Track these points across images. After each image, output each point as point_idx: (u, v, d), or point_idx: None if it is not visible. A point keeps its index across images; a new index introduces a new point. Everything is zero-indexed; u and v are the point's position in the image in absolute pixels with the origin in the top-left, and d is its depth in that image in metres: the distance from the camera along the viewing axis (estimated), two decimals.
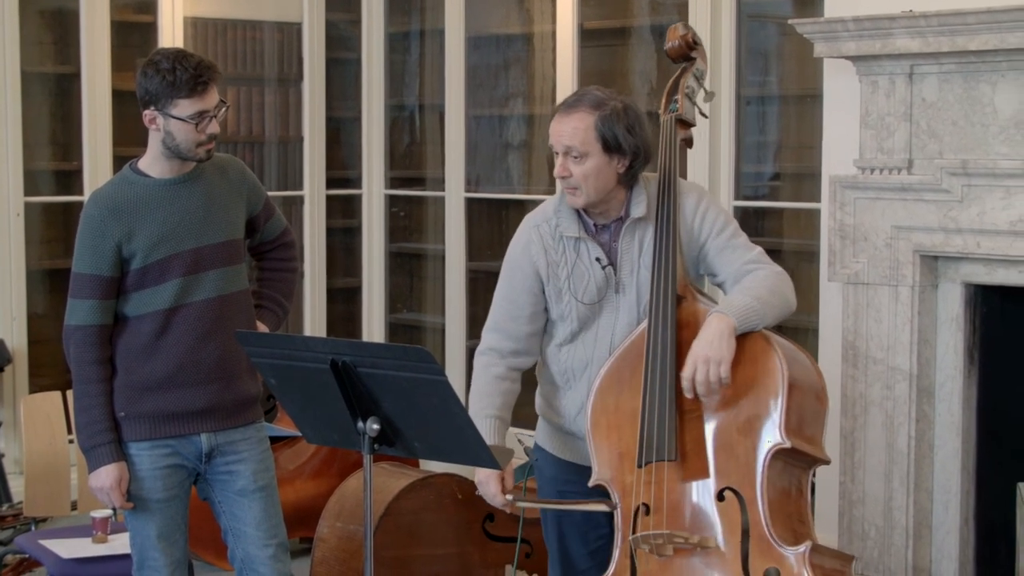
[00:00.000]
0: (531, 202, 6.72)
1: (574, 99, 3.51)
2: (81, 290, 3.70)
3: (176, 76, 3.61)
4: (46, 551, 4.46)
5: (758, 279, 3.47)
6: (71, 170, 6.55)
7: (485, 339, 3.66)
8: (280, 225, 4.05)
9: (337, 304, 7.35)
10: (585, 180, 3.46)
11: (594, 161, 3.45)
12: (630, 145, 3.47)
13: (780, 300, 3.46)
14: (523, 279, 3.59)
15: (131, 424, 3.74)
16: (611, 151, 3.46)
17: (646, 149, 3.51)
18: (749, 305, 3.37)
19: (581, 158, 3.45)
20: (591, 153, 3.45)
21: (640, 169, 3.54)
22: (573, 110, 3.47)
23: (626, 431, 3.40)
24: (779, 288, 3.47)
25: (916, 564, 4.86)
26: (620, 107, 3.48)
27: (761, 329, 3.39)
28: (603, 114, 3.45)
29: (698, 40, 3.76)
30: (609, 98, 3.48)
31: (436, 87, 7.07)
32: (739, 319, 3.34)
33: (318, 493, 5.61)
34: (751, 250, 3.56)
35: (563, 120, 3.48)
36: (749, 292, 3.41)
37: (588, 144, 3.45)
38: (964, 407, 4.82)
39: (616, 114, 3.46)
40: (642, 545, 3.31)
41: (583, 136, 3.44)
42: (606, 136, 3.45)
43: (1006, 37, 4.40)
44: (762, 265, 3.52)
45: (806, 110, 5.70)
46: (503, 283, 3.65)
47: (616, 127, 3.45)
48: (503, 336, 3.62)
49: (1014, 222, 4.52)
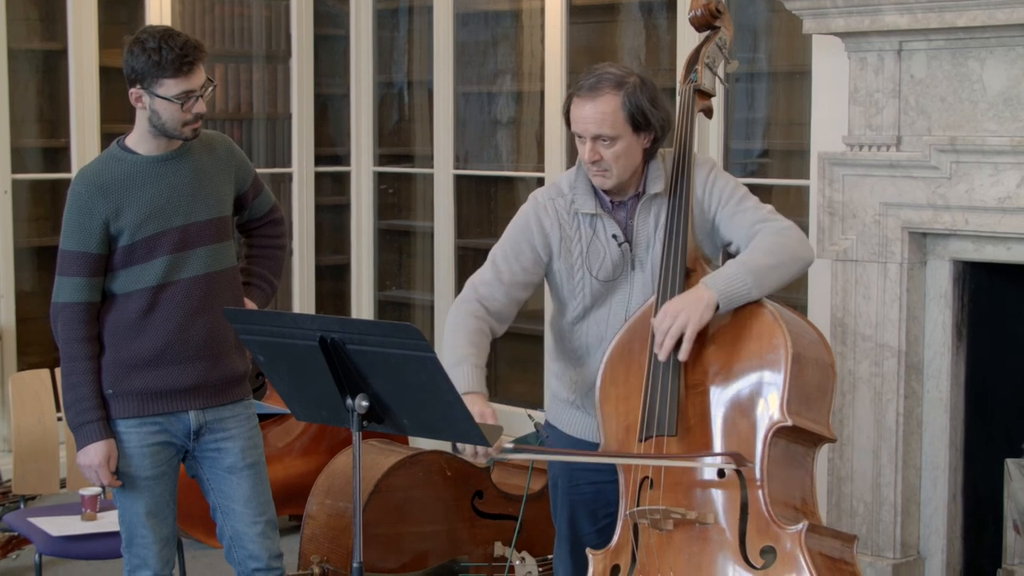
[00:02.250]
0: (520, 179, 6.72)
1: (594, 81, 3.44)
2: (68, 268, 3.69)
3: (162, 55, 3.59)
4: (35, 529, 4.45)
5: (758, 241, 3.42)
6: (58, 147, 6.54)
7: (478, 290, 3.56)
8: (269, 202, 4.04)
9: (326, 281, 7.34)
10: (616, 161, 3.43)
11: (624, 142, 3.43)
12: (657, 119, 3.44)
13: (784, 258, 3.40)
14: (530, 249, 3.55)
15: (119, 402, 3.74)
16: (640, 129, 3.44)
17: (670, 120, 3.50)
18: (735, 274, 3.33)
19: (612, 141, 3.42)
20: (622, 135, 3.42)
21: (662, 142, 3.52)
22: (597, 93, 3.41)
23: (633, 403, 3.39)
24: (781, 246, 3.41)
25: (904, 540, 4.87)
26: (639, 81, 3.44)
27: (767, 301, 3.35)
28: (627, 92, 3.41)
29: (722, 8, 3.70)
30: (627, 74, 3.44)
31: (425, 64, 7.05)
32: (721, 291, 3.31)
33: (307, 470, 5.62)
34: (760, 210, 3.51)
35: (587, 105, 3.42)
36: (742, 259, 3.38)
37: (618, 127, 3.41)
38: (952, 384, 4.83)
39: (638, 89, 3.42)
40: (641, 519, 3.30)
41: (612, 120, 3.41)
42: (635, 115, 3.41)
43: (994, 13, 4.40)
44: (771, 223, 3.47)
45: (795, 87, 5.69)
46: (507, 245, 3.58)
47: (642, 103, 3.41)
48: (495, 292, 3.54)
49: (1002, 199, 4.53)
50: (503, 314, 3.57)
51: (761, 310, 3.34)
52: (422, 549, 4.71)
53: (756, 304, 3.35)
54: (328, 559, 4.63)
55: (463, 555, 4.73)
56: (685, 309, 3.30)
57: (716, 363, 3.35)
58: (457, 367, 3.40)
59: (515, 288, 3.56)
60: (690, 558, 3.26)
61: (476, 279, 3.60)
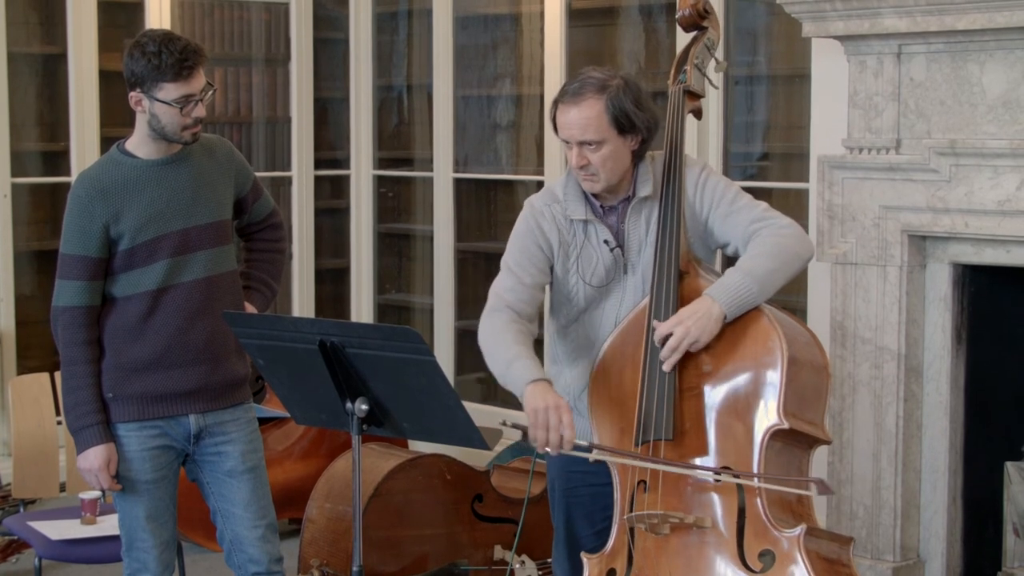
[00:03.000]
0: (519, 183, 6.72)
1: (577, 86, 3.45)
2: (69, 271, 3.69)
3: (162, 60, 3.59)
4: (35, 532, 4.45)
5: (758, 245, 3.41)
6: (58, 151, 6.54)
7: (504, 298, 3.50)
8: (268, 206, 4.04)
9: (325, 285, 7.34)
10: (603, 165, 3.44)
11: (611, 146, 3.43)
12: (642, 121, 3.44)
13: (786, 259, 3.40)
14: (538, 250, 3.55)
15: (119, 405, 3.74)
16: (625, 132, 3.44)
17: (656, 122, 3.49)
18: (740, 284, 3.34)
19: (597, 146, 3.42)
20: (607, 139, 3.42)
21: (650, 144, 3.52)
22: (580, 98, 3.42)
23: (627, 406, 3.39)
24: (782, 247, 3.41)
25: (904, 543, 4.87)
26: (622, 84, 3.44)
27: (763, 305, 3.35)
28: (610, 96, 3.41)
29: (710, 9, 3.70)
30: (610, 77, 3.45)
31: (424, 67, 7.05)
32: (728, 304, 3.32)
33: (307, 474, 5.62)
34: (754, 208, 3.50)
35: (571, 110, 3.43)
36: (744, 266, 3.37)
37: (603, 131, 3.42)
38: (952, 387, 4.83)
39: (621, 91, 3.42)
40: (638, 523, 3.30)
41: (596, 124, 3.41)
42: (619, 118, 3.41)
43: (994, 16, 4.40)
44: (767, 222, 3.46)
45: (794, 90, 5.69)
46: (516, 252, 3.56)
47: (625, 105, 3.41)
48: (522, 296, 3.51)
49: (1002, 202, 4.53)
50: (533, 316, 3.55)
51: (757, 313, 3.35)
52: (422, 552, 4.71)
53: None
54: (328, 563, 4.63)
55: (463, 559, 4.73)
56: (696, 326, 3.31)
57: (712, 366, 3.35)
58: (513, 363, 3.35)
59: (536, 290, 3.56)
60: (688, 562, 3.26)
61: (499, 288, 3.55)
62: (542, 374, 3.34)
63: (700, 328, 3.30)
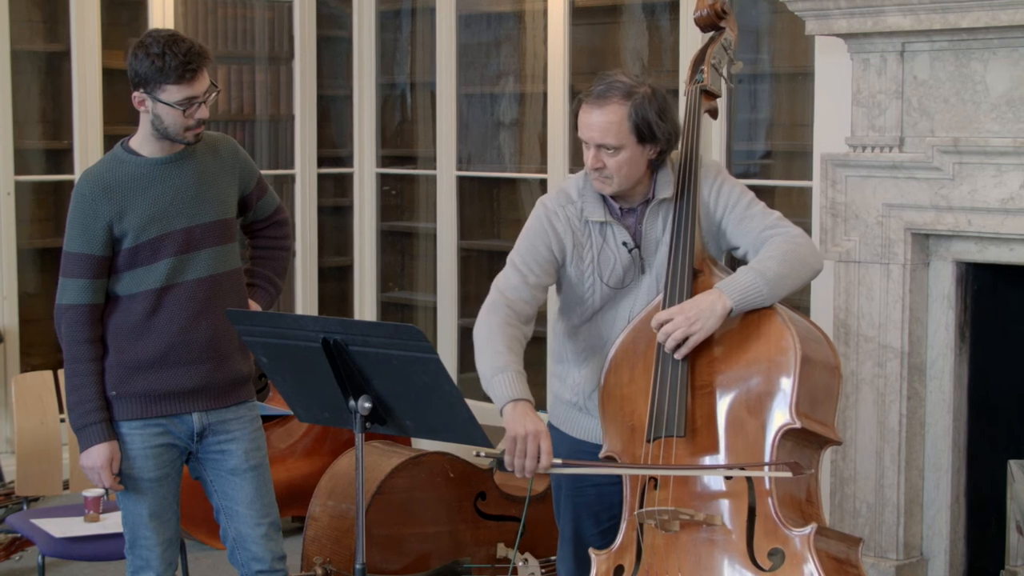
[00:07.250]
0: (523, 181, 6.72)
1: (603, 88, 3.43)
2: (72, 269, 3.69)
3: (165, 61, 3.59)
4: (38, 530, 4.45)
5: (771, 249, 3.42)
6: (61, 149, 6.54)
7: (506, 295, 3.50)
8: (273, 203, 4.04)
9: (328, 283, 7.34)
10: (619, 171, 3.43)
11: (628, 153, 3.42)
12: (663, 132, 3.43)
13: (797, 267, 3.40)
14: (547, 251, 3.54)
15: (122, 403, 3.74)
16: (645, 141, 3.43)
17: (677, 133, 3.49)
18: (752, 283, 3.34)
19: (615, 151, 3.42)
20: (626, 146, 3.42)
21: (668, 154, 3.52)
22: (604, 101, 3.41)
23: (639, 404, 3.39)
24: (794, 255, 3.42)
25: (907, 541, 4.87)
26: (649, 92, 3.43)
27: (775, 304, 3.35)
28: (635, 104, 3.40)
29: (728, 9, 3.70)
30: (637, 85, 3.43)
31: (427, 65, 7.05)
32: (737, 300, 3.32)
33: (310, 472, 5.62)
34: (768, 216, 3.51)
35: (594, 111, 3.42)
36: (757, 267, 3.38)
37: (622, 137, 3.41)
38: (955, 385, 4.82)
39: (647, 100, 3.41)
40: (648, 520, 3.30)
41: (617, 130, 3.40)
42: (640, 127, 3.40)
43: (998, 14, 4.40)
44: (779, 230, 3.47)
45: (798, 88, 5.69)
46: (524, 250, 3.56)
47: (649, 115, 3.40)
48: (524, 295, 3.51)
49: (1005, 200, 4.53)
50: (531, 317, 3.55)
51: (770, 312, 3.35)
52: (425, 550, 4.72)
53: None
54: (331, 560, 4.63)
55: (466, 556, 4.73)
56: (700, 318, 3.31)
57: (724, 364, 3.35)
58: (500, 374, 3.35)
59: (538, 290, 3.55)
60: (698, 559, 3.26)
61: (502, 284, 3.54)
62: (525, 393, 3.33)
63: (699, 315, 3.30)
